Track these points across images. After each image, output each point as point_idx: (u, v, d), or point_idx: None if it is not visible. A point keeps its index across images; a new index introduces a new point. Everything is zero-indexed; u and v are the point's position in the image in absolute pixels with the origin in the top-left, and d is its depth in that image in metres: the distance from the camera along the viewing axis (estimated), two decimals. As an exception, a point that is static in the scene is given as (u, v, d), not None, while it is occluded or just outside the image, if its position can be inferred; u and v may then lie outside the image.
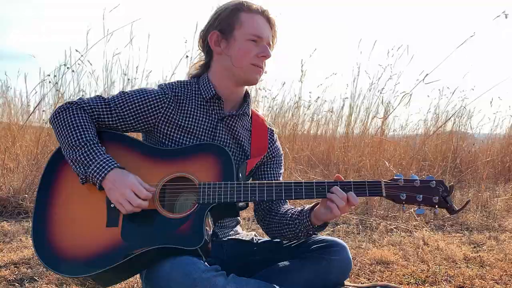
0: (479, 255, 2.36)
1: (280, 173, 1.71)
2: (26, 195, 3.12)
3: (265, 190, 1.40)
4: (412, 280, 1.98)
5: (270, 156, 1.68)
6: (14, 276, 1.90)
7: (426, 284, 1.94)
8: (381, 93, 4.38)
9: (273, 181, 1.43)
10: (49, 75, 3.93)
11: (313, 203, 1.50)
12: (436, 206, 1.39)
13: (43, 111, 4.15)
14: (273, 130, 1.73)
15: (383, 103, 4.42)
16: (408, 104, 4.15)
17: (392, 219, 3.15)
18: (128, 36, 3.90)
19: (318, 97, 4.85)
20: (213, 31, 1.55)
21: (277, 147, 1.72)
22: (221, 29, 1.54)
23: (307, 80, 4.53)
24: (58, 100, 3.98)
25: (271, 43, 1.58)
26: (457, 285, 1.92)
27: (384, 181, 1.40)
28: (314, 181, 1.42)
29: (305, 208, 1.51)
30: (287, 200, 1.67)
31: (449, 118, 4.85)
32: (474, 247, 2.61)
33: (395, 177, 1.41)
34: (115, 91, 4.25)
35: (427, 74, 3.83)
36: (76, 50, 3.72)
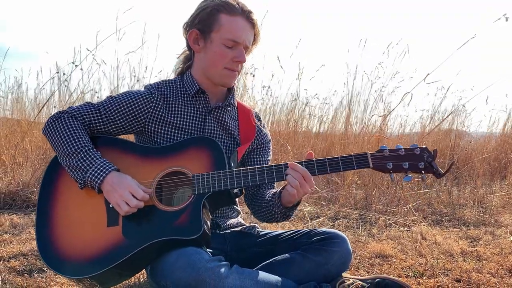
0: (476, 250, 2.35)
1: (268, 160, 1.72)
2: (35, 189, 3.12)
3: (257, 174, 1.41)
4: (410, 273, 1.97)
5: (259, 142, 1.69)
6: (24, 267, 1.90)
7: (424, 277, 1.93)
8: (381, 91, 4.37)
9: (264, 165, 1.43)
10: (57, 73, 3.93)
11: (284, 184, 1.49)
12: (423, 172, 1.40)
13: (54, 107, 4.16)
14: (260, 118, 1.74)
15: (383, 101, 4.41)
16: (409, 104, 4.13)
17: (391, 214, 3.14)
18: (138, 36, 3.90)
19: (316, 94, 4.85)
20: (192, 30, 1.53)
21: (265, 134, 1.72)
22: (200, 28, 1.52)
23: (305, 78, 4.52)
24: (67, 97, 3.99)
25: (249, 45, 1.55)
26: (454, 278, 1.91)
27: (370, 153, 1.41)
28: (303, 161, 1.42)
29: (278, 190, 1.51)
30: (274, 185, 1.67)
31: (447, 116, 4.83)
32: (471, 241, 2.60)
33: (380, 149, 1.42)
34: (125, 89, 4.25)
35: (428, 74, 3.79)
36: (87, 49, 3.72)
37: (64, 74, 3.93)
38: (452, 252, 2.31)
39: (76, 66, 3.79)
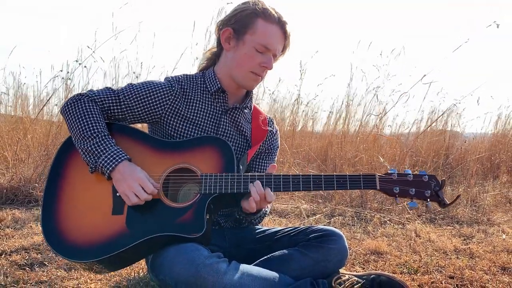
0: (469, 247, 2.35)
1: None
2: (36, 185, 3.11)
3: (264, 182, 1.40)
4: (405, 270, 1.97)
5: (268, 147, 1.69)
6: (25, 261, 1.90)
7: (418, 274, 1.93)
8: (376, 92, 4.37)
9: (272, 174, 1.42)
10: (61, 71, 3.92)
11: None
12: (428, 200, 1.39)
13: (56, 105, 4.15)
14: (272, 122, 1.72)
15: (379, 101, 4.41)
16: (406, 103, 4.15)
17: (386, 212, 3.14)
18: (134, 34, 3.88)
19: (317, 95, 4.85)
20: (226, 28, 1.52)
21: (276, 139, 1.72)
22: (234, 28, 1.51)
23: (306, 78, 4.51)
24: (68, 95, 3.97)
25: (277, 54, 1.54)
26: (448, 275, 1.91)
27: (379, 175, 1.39)
28: (311, 174, 1.41)
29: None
30: None
31: (440, 116, 4.83)
32: (464, 239, 2.60)
33: (389, 172, 1.41)
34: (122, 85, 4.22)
35: (424, 75, 3.83)
36: (88, 47, 3.70)
37: (68, 72, 3.91)
38: (445, 250, 2.31)
39: (79, 64, 3.78)
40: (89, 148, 1.38)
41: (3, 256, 1.95)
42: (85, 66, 3.83)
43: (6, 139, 3.65)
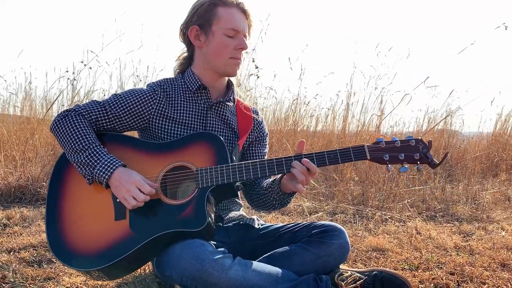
0: (469, 244, 2.34)
1: (265, 152, 1.73)
2: (44, 183, 3.12)
3: (258, 168, 1.40)
4: (406, 266, 1.97)
5: (257, 135, 1.70)
6: (33, 258, 1.90)
7: (419, 270, 1.92)
8: (380, 92, 4.36)
9: (265, 159, 1.43)
10: (67, 71, 3.93)
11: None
12: (418, 163, 1.40)
13: (63, 105, 4.16)
14: (258, 112, 1.74)
15: (382, 101, 4.40)
16: (408, 104, 4.12)
17: (387, 210, 3.14)
18: (138, 36, 3.90)
19: (317, 94, 4.84)
20: (192, 26, 1.54)
21: (263, 127, 1.73)
22: (199, 23, 1.53)
23: (306, 78, 4.52)
24: (75, 95, 3.99)
25: (247, 34, 1.57)
26: (448, 272, 1.90)
27: (367, 145, 1.40)
28: (302, 154, 1.40)
29: (277, 178, 1.51)
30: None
31: (445, 118, 4.81)
32: (464, 236, 2.59)
33: (377, 141, 1.42)
34: (128, 87, 4.24)
35: (427, 77, 3.80)
36: (91, 51, 3.72)
37: (73, 73, 3.92)
38: (446, 246, 2.31)
39: (85, 65, 3.79)
40: (83, 161, 1.38)
41: (11, 253, 1.96)
42: (90, 68, 3.85)
43: (14, 139, 3.66)
